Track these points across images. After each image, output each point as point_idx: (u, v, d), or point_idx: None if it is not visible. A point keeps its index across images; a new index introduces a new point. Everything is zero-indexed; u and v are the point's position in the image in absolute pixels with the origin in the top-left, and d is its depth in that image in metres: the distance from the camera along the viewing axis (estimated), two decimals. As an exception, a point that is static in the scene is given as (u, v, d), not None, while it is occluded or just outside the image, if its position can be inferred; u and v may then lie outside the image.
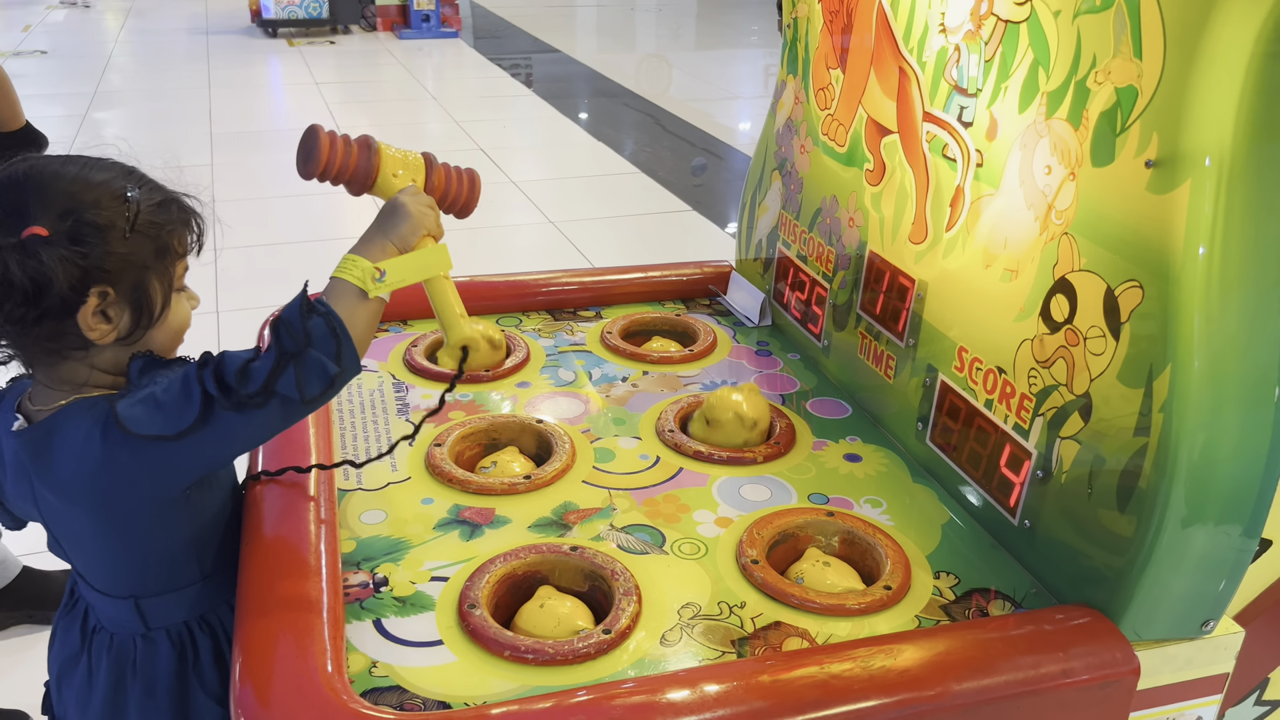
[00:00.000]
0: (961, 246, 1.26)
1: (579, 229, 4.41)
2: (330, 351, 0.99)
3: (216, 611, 1.13)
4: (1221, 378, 0.94)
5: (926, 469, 1.34)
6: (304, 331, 0.98)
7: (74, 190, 0.98)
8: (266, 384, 0.97)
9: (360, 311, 1.04)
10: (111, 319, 1.00)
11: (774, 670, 0.96)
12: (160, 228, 1.02)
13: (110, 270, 0.98)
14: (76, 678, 1.15)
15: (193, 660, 1.12)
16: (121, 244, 0.98)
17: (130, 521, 1.04)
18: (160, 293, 1.03)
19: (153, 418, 0.97)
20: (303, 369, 0.98)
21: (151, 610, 1.10)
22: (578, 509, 1.25)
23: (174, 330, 1.07)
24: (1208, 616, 1.05)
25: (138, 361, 1.03)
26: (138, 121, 6.01)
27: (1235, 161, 0.90)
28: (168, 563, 1.09)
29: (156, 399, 0.98)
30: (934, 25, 1.28)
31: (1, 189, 0.98)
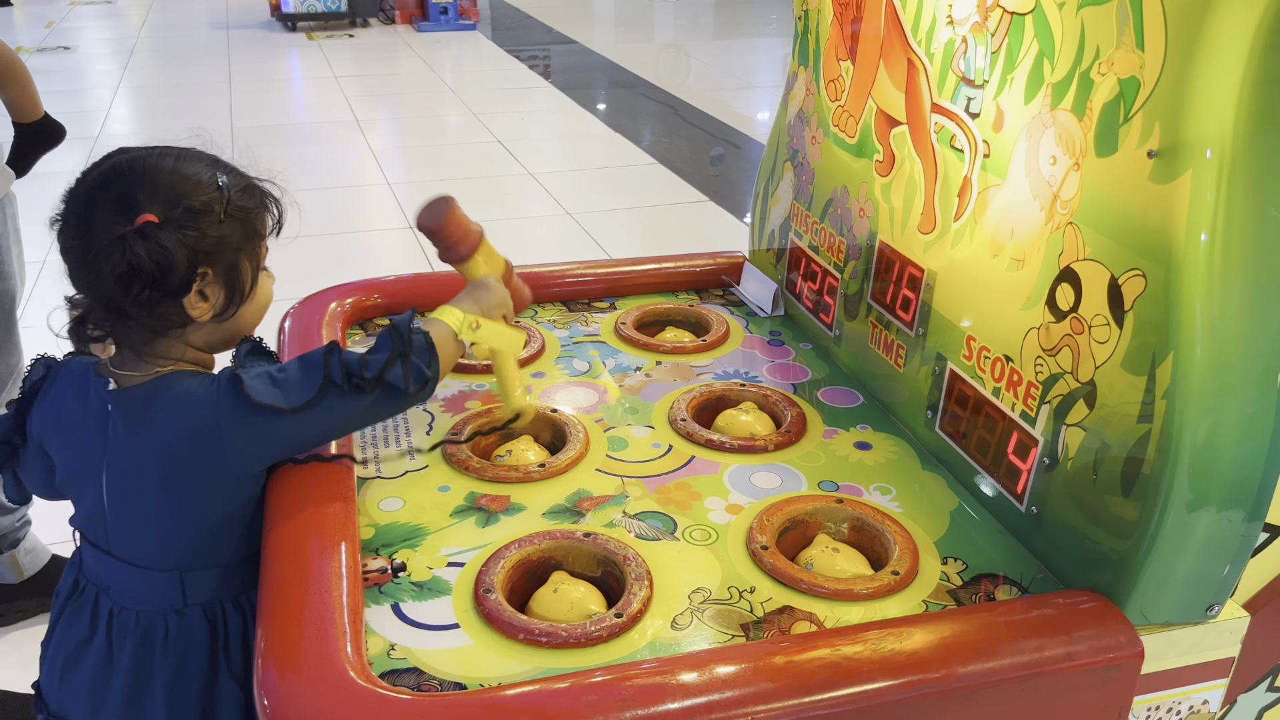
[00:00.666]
0: (969, 236, 1.27)
1: (596, 220, 4.44)
2: (426, 361, 1.13)
3: (250, 594, 1.17)
4: (1224, 365, 0.95)
5: (936, 456, 1.36)
6: (408, 342, 1.12)
7: (174, 180, 1.07)
8: (380, 373, 1.10)
9: (449, 346, 1.19)
10: (209, 297, 1.10)
11: (787, 652, 0.98)
12: (248, 211, 1.12)
13: (209, 252, 1.08)
14: (86, 665, 1.17)
15: (223, 640, 1.17)
16: (217, 227, 1.08)
17: (204, 488, 1.12)
18: (250, 271, 1.13)
19: (271, 391, 1.07)
20: (409, 366, 1.12)
21: (193, 584, 1.15)
22: (591, 496, 1.27)
23: (260, 306, 1.18)
24: (1212, 601, 1.06)
25: (246, 344, 1.18)
26: (160, 116, 6.07)
27: (1236, 151, 0.91)
28: (218, 537, 1.16)
29: (273, 376, 1.09)
30: (941, 17, 1.30)
31: (107, 179, 1.07)
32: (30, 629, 2.11)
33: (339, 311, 1.67)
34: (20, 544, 2.05)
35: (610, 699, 0.91)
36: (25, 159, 2.03)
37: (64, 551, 2.17)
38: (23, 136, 2.04)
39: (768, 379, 1.58)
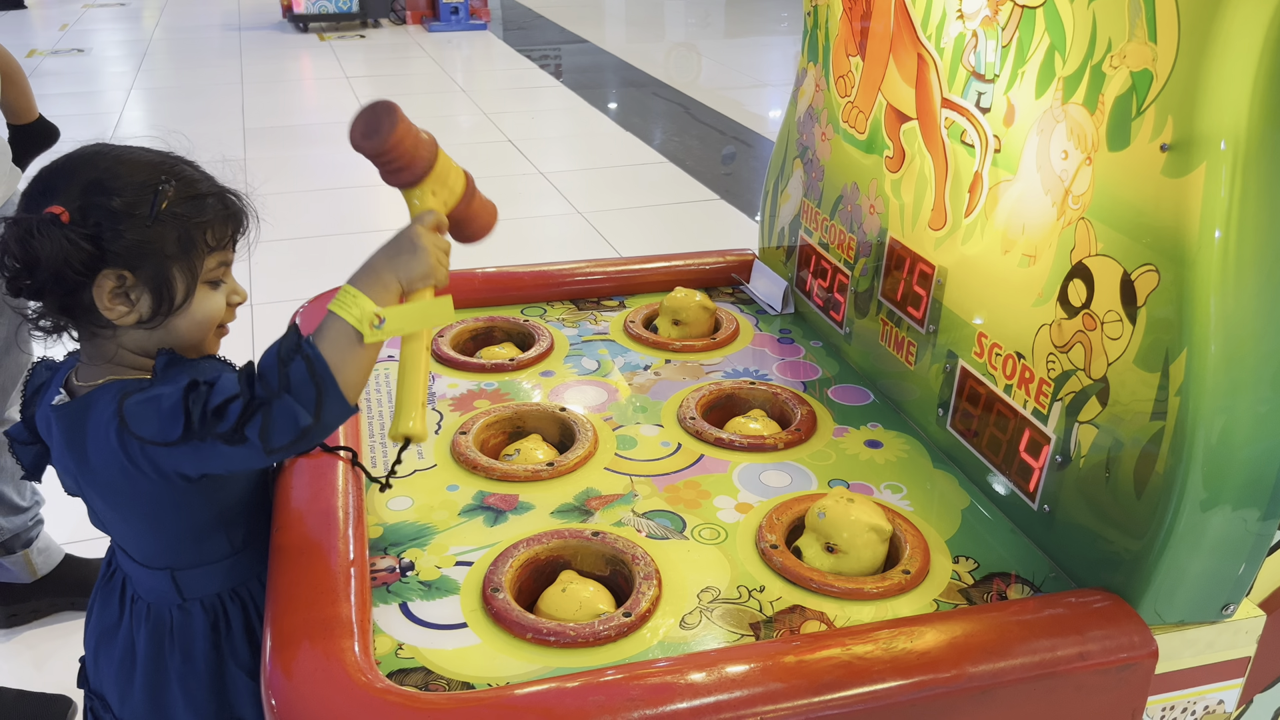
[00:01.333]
0: (980, 232, 1.26)
1: (607, 219, 4.43)
2: (308, 400, 0.96)
3: (248, 585, 1.17)
4: (1238, 361, 0.94)
5: (947, 455, 1.35)
6: (281, 377, 0.96)
7: (104, 175, 1.02)
8: (237, 426, 0.96)
9: (353, 355, 0.98)
10: (133, 301, 1.03)
11: (797, 651, 0.98)
12: (187, 220, 1.04)
13: (126, 255, 1.01)
14: (116, 648, 1.19)
15: (225, 631, 1.16)
16: (139, 231, 1.01)
17: (151, 502, 1.08)
18: (183, 283, 1.05)
19: (149, 421, 0.99)
20: (270, 418, 0.96)
21: (186, 582, 1.14)
22: (600, 495, 1.27)
23: (199, 321, 1.08)
24: (1228, 600, 1.05)
25: (163, 357, 1.06)
26: (173, 117, 6.09)
27: (1250, 145, 0.90)
28: (195, 539, 1.13)
29: (160, 403, 0.99)
30: (951, 11, 1.29)
31: (49, 169, 1.05)
32: (44, 628, 2.11)
33: (348, 311, 1.67)
34: (33, 543, 2.06)
35: (619, 699, 0.91)
36: (20, 161, 2.04)
37: (77, 551, 2.18)
38: (17, 139, 2.05)
39: (777, 377, 1.58)
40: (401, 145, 1.05)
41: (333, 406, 0.97)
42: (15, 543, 2.03)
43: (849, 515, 1.14)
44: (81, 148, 1.07)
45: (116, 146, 1.07)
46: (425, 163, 1.07)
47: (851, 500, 1.16)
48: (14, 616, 2.10)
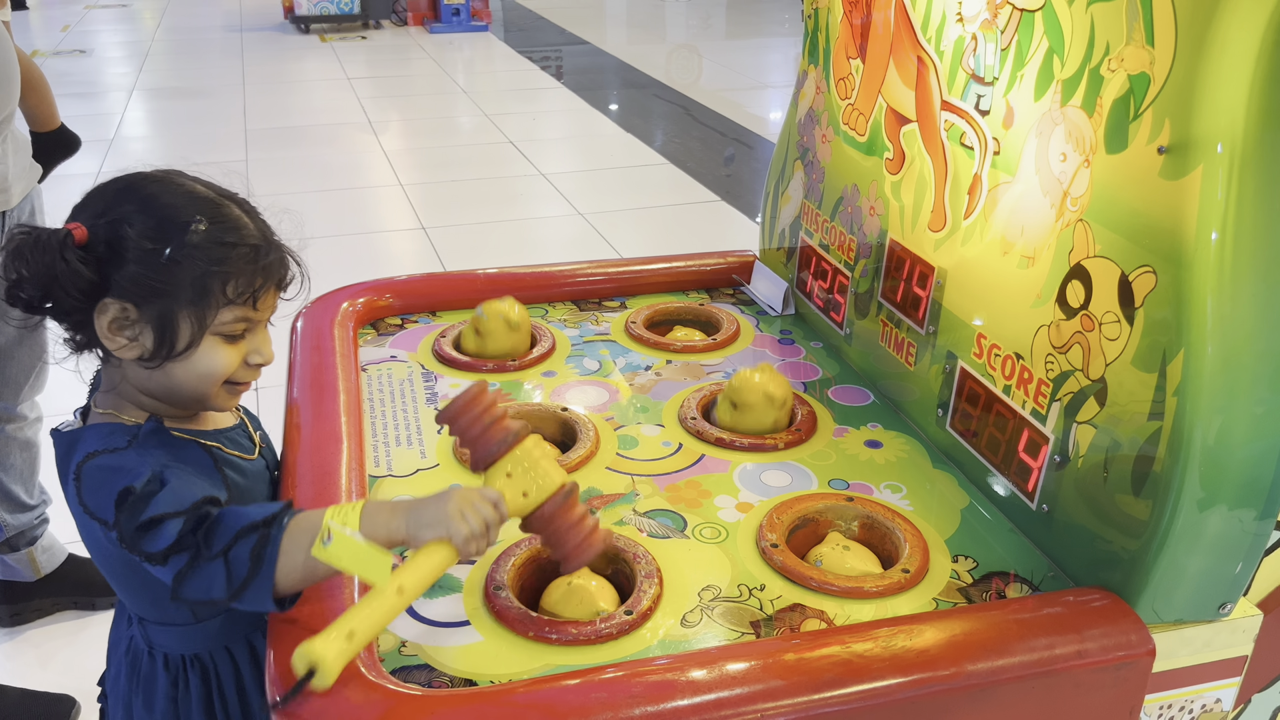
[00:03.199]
0: (980, 234, 1.27)
1: (608, 220, 4.44)
2: (237, 576, 0.90)
3: (213, 654, 1.13)
4: (1234, 362, 0.95)
5: (947, 455, 1.36)
6: (230, 541, 0.91)
7: (140, 202, 0.99)
8: (164, 552, 0.91)
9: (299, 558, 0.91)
10: (135, 337, 1.00)
11: (797, 649, 0.99)
12: (207, 266, 0.99)
13: (129, 287, 0.98)
14: (114, 663, 1.20)
15: (183, 693, 1.12)
16: (150, 266, 0.97)
17: (109, 559, 1.06)
18: (188, 330, 1.00)
19: (95, 493, 0.96)
20: (193, 569, 0.91)
21: (152, 634, 1.13)
22: (601, 494, 1.27)
23: (199, 374, 1.02)
24: (1225, 599, 1.06)
25: (150, 424, 1.03)
26: (174, 119, 6.11)
27: (1247, 147, 0.91)
28: (154, 601, 1.09)
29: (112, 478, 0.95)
30: (951, 14, 1.29)
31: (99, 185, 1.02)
32: (47, 627, 2.12)
33: (351, 311, 1.68)
34: (38, 542, 2.07)
35: (620, 696, 0.92)
36: (42, 167, 2.06)
37: (80, 550, 2.19)
38: (39, 145, 2.07)
39: (778, 378, 1.58)
40: (468, 415, 1.01)
41: (255, 595, 0.91)
42: (20, 540, 2.04)
43: (844, 563, 1.15)
44: (140, 171, 1.04)
45: (174, 175, 1.04)
46: (497, 441, 1.00)
47: (847, 548, 1.18)
48: (17, 615, 2.11)
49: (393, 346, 1.66)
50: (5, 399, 1.95)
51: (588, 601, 1.08)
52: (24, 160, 1.89)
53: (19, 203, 1.86)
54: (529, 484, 0.99)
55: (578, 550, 0.99)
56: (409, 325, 1.74)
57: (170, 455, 1.02)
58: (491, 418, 1.00)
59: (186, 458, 1.05)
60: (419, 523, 0.93)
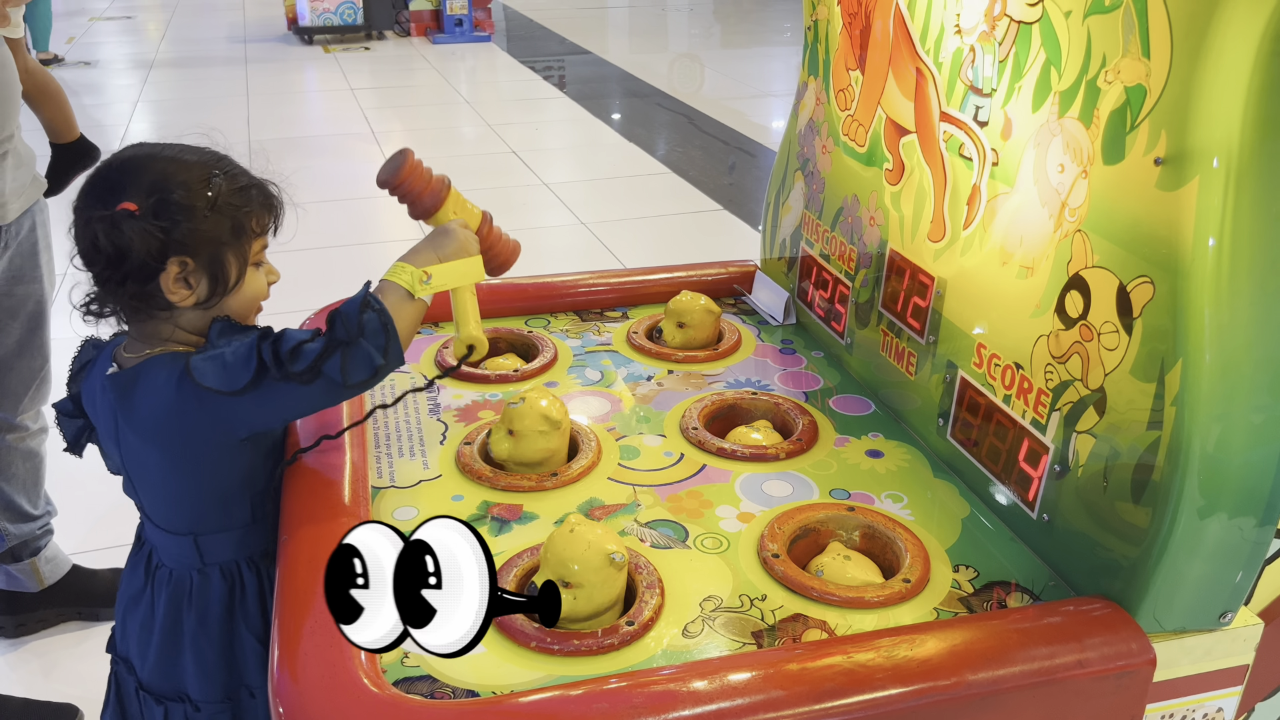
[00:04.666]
0: (979, 244, 1.28)
1: (611, 230, 4.45)
2: (379, 345, 1.13)
3: (264, 554, 1.25)
4: (1233, 372, 0.95)
5: (948, 464, 1.36)
6: (359, 324, 1.12)
7: (166, 172, 1.14)
8: (314, 364, 1.10)
9: (406, 310, 1.19)
10: (192, 285, 1.14)
11: (798, 659, 0.99)
12: (238, 209, 1.16)
13: (188, 243, 1.12)
14: (139, 613, 1.27)
15: (240, 596, 1.24)
16: (201, 221, 1.13)
17: (192, 461, 1.18)
18: (235, 266, 1.17)
19: (217, 373, 1.11)
20: (350, 357, 1.11)
21: (207, 546, 1.23)
22: (603, 505, 1.28)
23: (248, 299, 1.21)
24: (1225, 608, 1.06)
25: (218, 324, 1.17)
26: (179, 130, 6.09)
27: (1243, 158, 0.91)
28: (222, 503, 1.22)
29: (224, 358, 1.11)
30: (949, 26, 1.30)
31: (109, 167, 1.16)
32: (51, 638, 2.13)
33: (354, 322, 1.69)
34: (41, 552, 2.08)
35: (622, 706, 0.92)
36: (61, 179, 2.08)
37: (84, 562, 2.19)
38: (58, 157, 2.09)
39: (779, 387, 1.59)
40: (412, 180, 1.28)
41: (394, 353, 1.15)
42: (23, 550, 2.05)
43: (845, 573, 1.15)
44: (132, 148, 1.18)
45: (163, 145, 1.19)
46: (437, 195, 1.30)
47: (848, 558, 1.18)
48: (22, 626, 2.11)
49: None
50: (5, 409, 1.96)
51: (595, 544, 1.06)
52: (25, 176, 1.90)
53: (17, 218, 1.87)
54: (466, 218, 1.33)
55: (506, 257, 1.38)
56: (412, 336, 1.74)
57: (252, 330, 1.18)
58: (428, 175, 1.30)
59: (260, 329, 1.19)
60: (448, 254, 1.26)
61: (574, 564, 1.06)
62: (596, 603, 1.07)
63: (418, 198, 1.30)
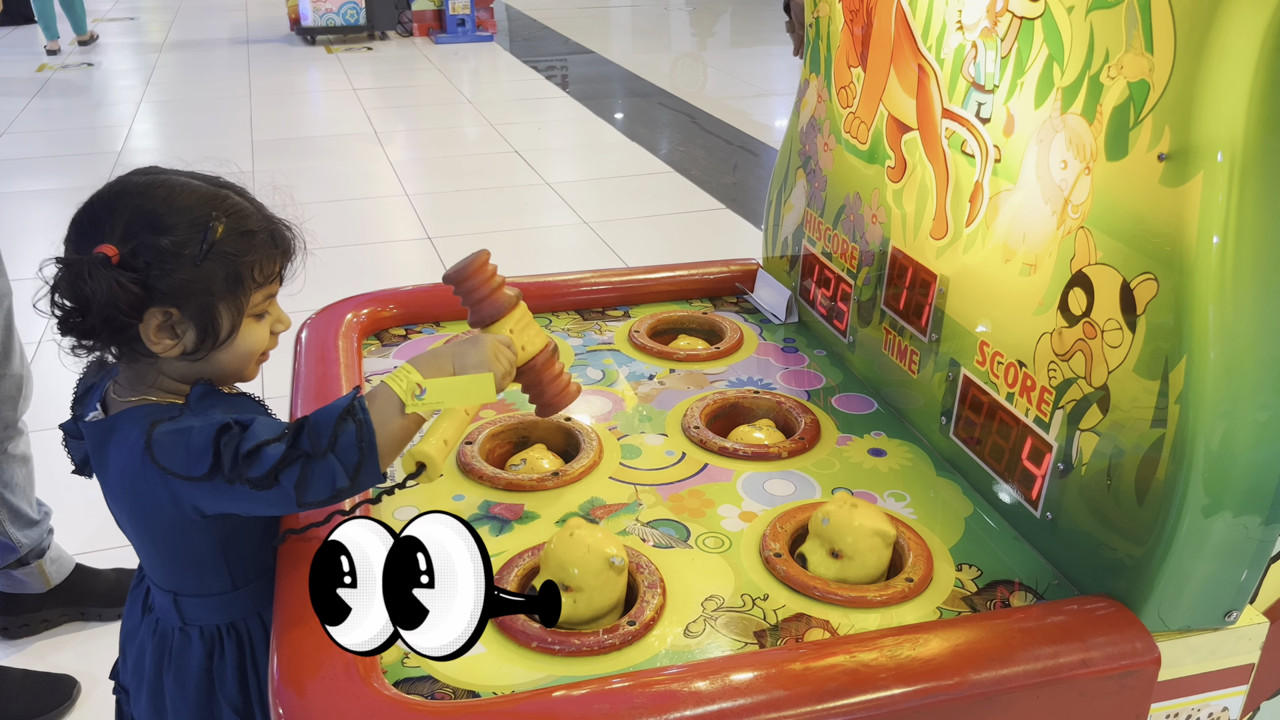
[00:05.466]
0: (981, 242, 1.27)
1: (614, 229, 4.45)
2: (350, 464, 0.99)
3: (247, 621, 1.16)
4: (1237, 369, 0.94)
5: (951, 463, 1.35)
6: (331, 436, 0.98)
7: (154, 210, 1.02)
8: (271, 472, 0.98)
9: (394, 424, 1.02)
10: (178, 335, 1.04)
11: (801, 659, 0.98)
12: (237, 258, 1.04)
13: (171, 293, 1.01)
14: (134, 651, 1.22)
15: (219, 663, 1.16)
16: (188, 270, 1.02)
17: (158, 529, 1.09)
18: (229, 318, 1.06)
19: (176, 453, 1.00)
20: (310, 471, 0.98)
21: (186, 607, 1.15)
22: (604, 504, 1.28)
23: (241, 354, 1.09)
24: (1230, 607, 1.05)
25: (199, 388, 1.07)
26: (182, 131, 6.13)
27: (1247, 154, 0.91)
28: (197, 569, 1.13)
29: (189, 437, 1.00)
30: (951, 23, 1.30)
31: (98, 200, 1.04)
32: (54, 638, 2.13)
33: (355, 323, 1.68)
34: (46, 554, 2.08)
35: (623, 707, 0.92)
36: None
37: (88, 561, 2.19)
38: None
39: (781, 386, 1.58)
40: (473, 281, 1.16)
41: (368, 474, 1.00)
42: (31, 554, 2.05)
43: (853, 520, 1.14)
44: (132, 174, 1.07)
45: (168, 175, 1.07)
46: (496, 306, 1.16)
47: (855, 505, 1.16)
48: (26, 626, 2.11)
49: (396, 357, 1.67)
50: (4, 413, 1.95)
51: (595, 548, 1.06)
52: None
53: None
54: (525, 340, 1.17)
55: (557, 398, 1.20)
56: (413, 336, 1.74)
57: (226, 407, 1.08)
58: (495, 284, 1.17)
59: (240, 404, 1.12)
60: (465, 365, 1.08)
61: (574, 568, 1.06)
62: (596, 606, 1.07)
63: (476, 303, 1.16)
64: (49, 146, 5.66)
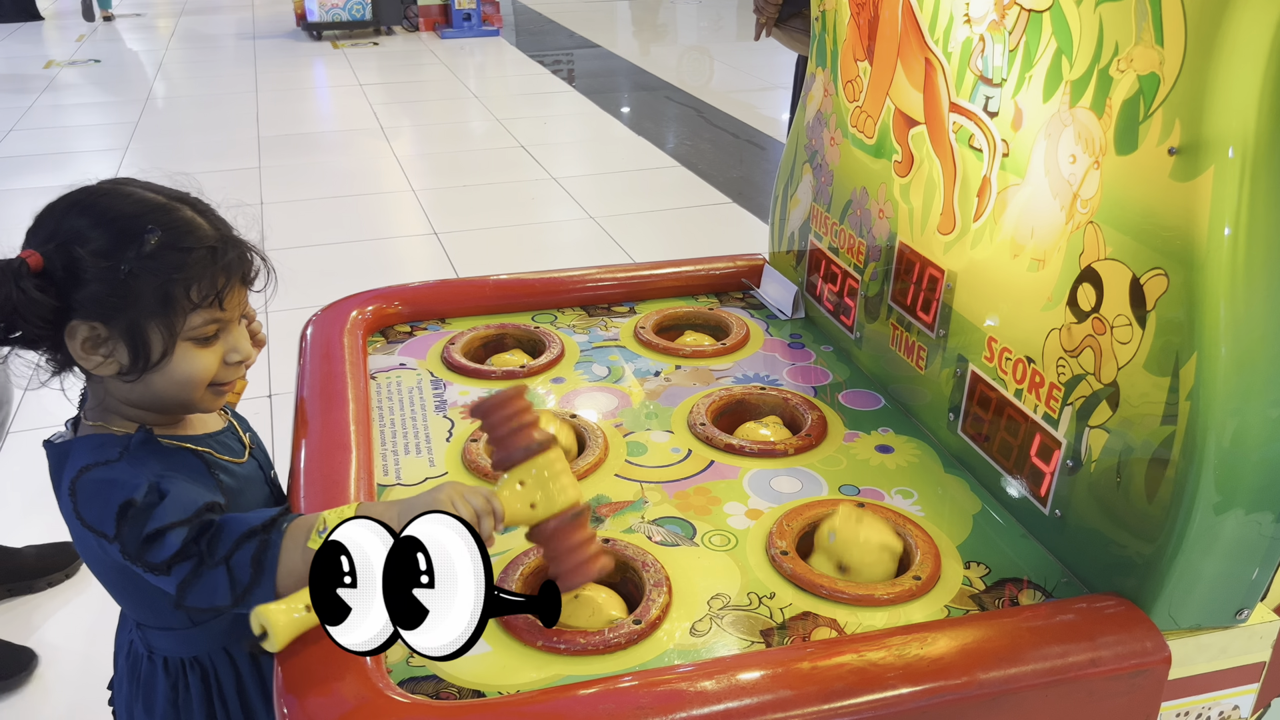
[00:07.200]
0: (989, 237, 1.26)
1: (620, 224, 4.44)
2: (240, 582, 0.92)
3: (212, 656, 1.13)
4: (1248, 364, 0.93)
5: (959, 459, 1.35)
6: (231, 548, 0.93)
7: (88, 219, 0.97)
8: (167, 562, 0.93)
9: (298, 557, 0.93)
10: (111, 352, 0.99)
11: (808, 658, 0.98)
12: (167, 274, 0.97)
13: (90, 306, 0.96)
14: (117, 667, 1.21)
15: (183, 695, 1.13)
16: (109, 283, 0.96)
17: (102, 565, 1.07)
18: (160, 339, 0.99)
19: (92, 506, 0.96)
20: (198, 576, 0.93)
21: (150, 637, 1.14)
22: (610, 502, 1.27)
23: (179, 381, 1.02)
24: (1241, 605, 1.04)
25: (139, 434, 1.02)
26: (188, 127, 6.14)
27: (1259, 148, 0.89)
28: (150, 604, 1.09)
29: (109, 492, 0.95)
30: (959, 16, 1.28)
31: (47, 206, 1.00)
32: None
33: (360, 319, 1.68)
34: None
35: (629, 706, 0.91)
36: None
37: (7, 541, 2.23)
38: None
39: (788, 382, 1.58)
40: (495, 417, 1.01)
41: (259, 599, 0.92)
42: None
43: (859, 536, 1.14)
44: (86, 186, 1.02)
45: (124, 186, 1.02)
46: (517, 448, 1.00)
47: (861, 520, 1.16)
48: None
49: (402, 354, 1.66)
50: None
51: (597, 612, 1.07)
52: None
53: None
54: (539, 496, 0.99)
55: (572, 572, 0.98)
56: (418, 332, 1.74)
57: (163, 464, 1.02)
58: (521, 423, 1.01)
59: (179, 465, 1.05)
60: (410, 513, 0.91)
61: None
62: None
63: (499, 441, 1.01)
64: (56, 143, 5.67)
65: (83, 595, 2.21)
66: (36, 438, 1.07)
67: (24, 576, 2.20)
